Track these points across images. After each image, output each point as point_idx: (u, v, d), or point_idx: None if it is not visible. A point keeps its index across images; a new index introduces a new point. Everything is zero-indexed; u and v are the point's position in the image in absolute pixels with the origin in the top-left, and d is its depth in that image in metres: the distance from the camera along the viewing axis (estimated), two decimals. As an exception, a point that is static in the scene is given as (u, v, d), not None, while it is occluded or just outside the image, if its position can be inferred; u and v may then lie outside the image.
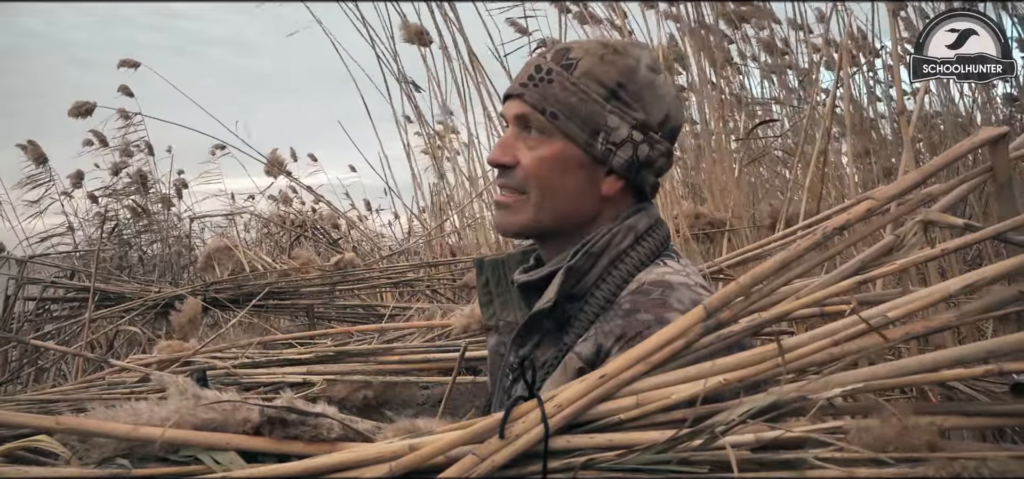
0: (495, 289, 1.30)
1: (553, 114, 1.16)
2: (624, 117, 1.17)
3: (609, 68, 1.17)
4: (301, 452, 0.83)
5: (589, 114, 1.16)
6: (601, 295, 1.15)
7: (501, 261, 1.30)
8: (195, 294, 3.00)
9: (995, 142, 0.97)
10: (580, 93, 1.16)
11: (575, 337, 1.14)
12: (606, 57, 1.18)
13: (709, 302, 0.86)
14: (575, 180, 1.18)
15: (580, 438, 0.80)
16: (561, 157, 1.17)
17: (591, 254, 1.16)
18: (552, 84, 1.17)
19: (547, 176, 1.17)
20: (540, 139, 1.18)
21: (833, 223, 0.90)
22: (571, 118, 1.16)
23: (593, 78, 1.16)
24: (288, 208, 6.30)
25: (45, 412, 1.45)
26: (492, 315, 1.29)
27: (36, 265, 3.79)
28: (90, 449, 0.84)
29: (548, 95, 1.17)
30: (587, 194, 1.19)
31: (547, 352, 1.16)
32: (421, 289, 3.27)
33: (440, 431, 0.84)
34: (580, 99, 1.16)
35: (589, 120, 1.16)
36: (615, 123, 1.16)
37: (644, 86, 1.18)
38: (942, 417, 0.78)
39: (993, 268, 0.80)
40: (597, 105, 1.16)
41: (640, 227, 1.19)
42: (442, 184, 4.05)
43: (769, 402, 0.78)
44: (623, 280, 1.16)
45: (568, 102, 1.16)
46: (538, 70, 1.19)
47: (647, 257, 1.18)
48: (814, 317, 1.23)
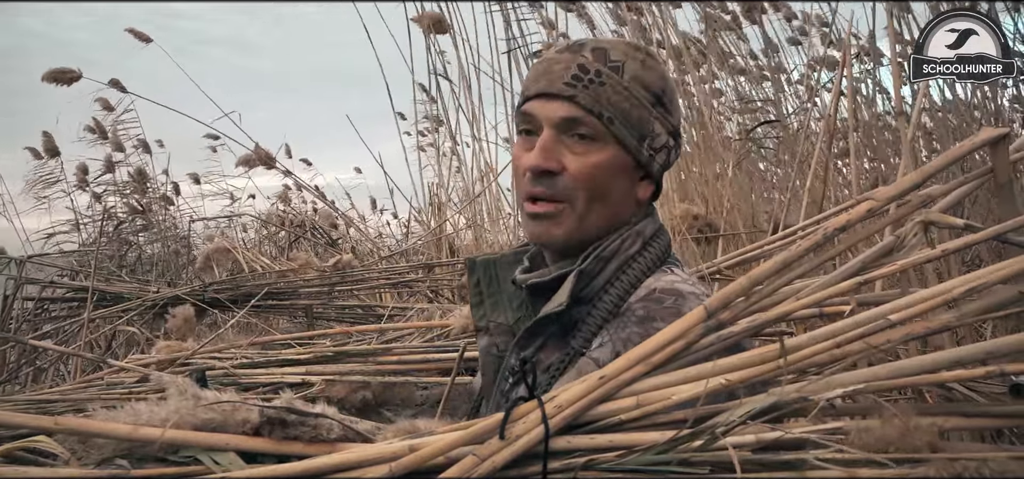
0: (486, 289, 1.28)
1: (610, 118, 1.13)
2: (664, 123, 1.18)
3: (652, 73, 1.17)
4: (301, 453, 0.83)
5: (639, 119, 1.15)
6: (609, 299, 1.14)
7: (493, 261, 1.29)
8: (193, 294, 3.00)
9: (995, 143, 0.97)
10: (632, 98, 1.14)
11: (583, 341, 1.12)
12: (647, 62, 1.17)
13: (709, 302, 0.86)
14: (621, 187, 1.17)
15: (580, 439, 0.80)
16: (613, 164, 1.15)
17: (602, 258, 1.15)
18: (604, 87, 1.13)
19: (599, 183, 1.14)
20: (591, 145, 1.13)
21: (833, 224, 0.90)
22: (625, 123, 1.14)
23: (641, 83, 1.15)
24: (287, 208, 6.29)
25: (44, 412, 1.44)
26: (483, 316, 1.27)
27: (35, 265, 3.78)
28: (89, 450, 0.84)
29: (602, 98, 1.13)
30: (628, 200, 1.18)
31: (552, 355, 1.14)
32: (420, 290, 3.26)
33: (440, 432, 0.84)
34: (632, 104, 1.14)
35: (639, 126, 1.15)
36: (659, 129, 1.17)
37: (673, 92, 1.20)
38: (942, 418, 0.78)
39: (993, 269, 0.80)
40: (646, 110, 1.15)
41: (648, 233, 1.19)
42: (444, 181, 4.05)
43: (770, 403, 0.78)
44: (631, 285, 1.15)
45: (622, 107, 1.14)
46: (585, 71, 1.14)
47: (654, 263, 1.17)
48: (814, 318, 1.23)
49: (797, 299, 0.88)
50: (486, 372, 1.26)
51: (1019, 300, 0.81)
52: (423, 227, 4.53)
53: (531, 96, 1.17)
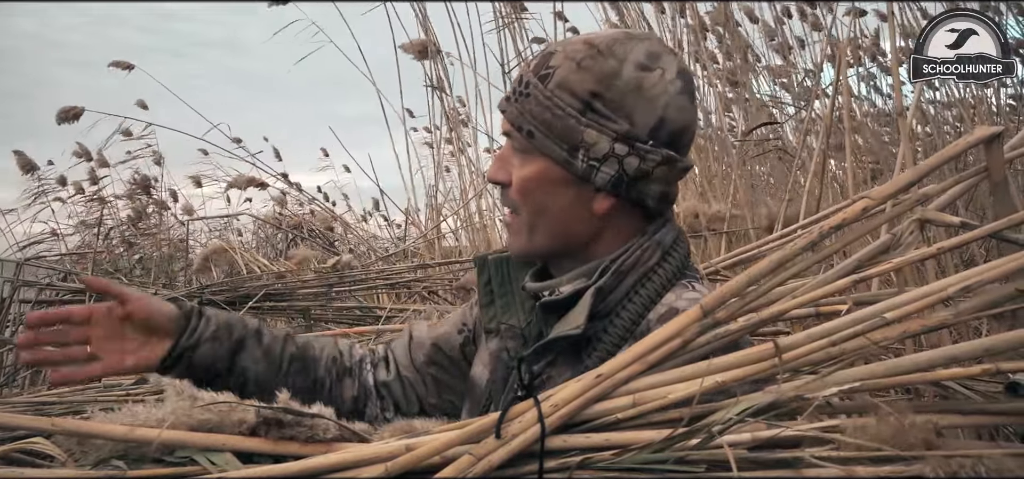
0: (497, 290, 1.23)
1: (529, 132, 1.09)
2: (603, 130, 1.07)
3: (584, 75, 1.07)
4: (297, 453, 0.83)
5: (564, 130, 1.07)
6: (627, 316, 1.08)
7: (505, 260, 1.23)
8: (191, 296, 3.00)
9: (990, 141, 0.97)
10: (554, 108, 1.08)
11: (598, 360, 1.05)
12: (584, 62, 1.08)
13: (705, 301, 0.85)
14: (562, 200, 1.10)
15: (577, 438, 0.80)
16: (543, 177, 1.10)
17: (620, 272, 1.09)
18: (529, 99, 1.09)
19: (533, 196, 1.11)
20: (524, 157, 1.11)
21: (829, 222, 0.90)
22: (548, 135, 1.08)
23: (566, 89, 1.07)
24: (283, 210, 6.29)
25: (41, 414, 1.44)
26: (493, 317, 1.22)
27: (32, 267, 3.78)
28: (86, 451, 0.84)
29: (525, 111, 1.09)
30: (578, 214, 1.11)
31: (564, 373, 1.07)
32: (418, 290, 3.26)
33: (436, 431, 0.84)
34: (554, 114, 1.07)
35: (565, 136, 1.07)
36: (593, 137, 1.07)
37: (627, 91, 1.07)
38: (938, 415, 0.78)
39: (989, 267, 0.80)
40: (571, 119, 1.07)
41: (667, 242, 1.12)
42: (439, 184, 4.05)
43: (766, 401, 0.78)
44: (650, 300, 1.09)
45: (543, 118, 1.08)
46: (520, 83, 1.12)
47: (673, 275, 1.11)
48: (810, 317, 1.23)
49: (793, 298, 0.88)
50: (495, 375, 1.21)
51: (1015, 298, 0.81)
52: (418, 229, 4.53)
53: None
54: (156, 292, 3.24)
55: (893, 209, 0.98)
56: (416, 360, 1.33)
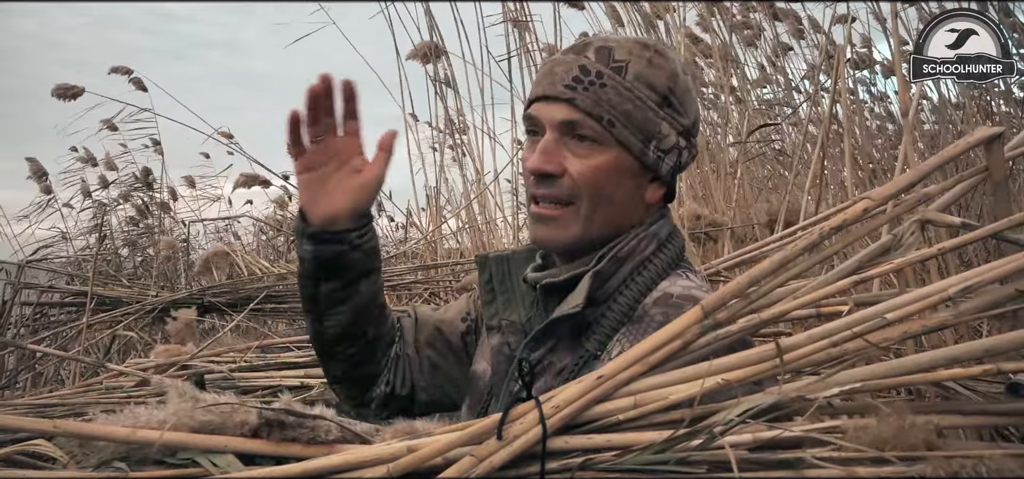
0: (498, 287, 1.26)
1: (610, 121, 1.11)
2: (673, 123, 1.14)
3: (658, 72, 1.13)
4: (299, 454, 0.83)
5: (644, 121, 1.12)
6: (623, 301, 1.12)
7: (505, 258, 1.27)
8: (192, 299, 3.00)
9: (990, 142, 0.97)
10: (635, 99, 1.12)
11: (597, 344, 1.10)
12: (653, 60, 1.14)
13: (706, 302, 0.86)
14: (626, 189, 1.14)
15: (578, 439, 0.80)
16: (615, 166, 1.12)
17: (617, 259, 1.13)
18: (605, 88, 1.11)
19: (601, 186, 1.13)
20: (593, 147, 1.12)
21: (830, 223, 0.90)
22: (627, 125, 1.11)
23: (646, 83, 1.12)
24: (285, 212, 6.30)
25: (43, 416, 1.45)
26: (495, 314, 1.25)
27: (33, 270, 3.79)
28: (88, 453, 0.84)
29: (602, 100, 1.11)
30: (635, 203, 1.16)
31: (565, 358, 1.12)
32: (419, 292, 3.26)
33: (438, 432, 0.84)
34: (635, 105, 1.12)
35: (644, 127, 1.12)
36: (666, 130, 1.14)
37: (685, 90, 1.16)
38: (940, 416, 0.78)
39: (989, 267, 0.80)
40: (651, 111, 1.13)
41: (663, 234, 1.17)
42: (441, 185, 4.05)
43: (767, 402, 0.78)
44: (646, 287, 1.13)
45: (624, 108, 1.11)
46: (586, 72, 1.12)
47: (668, 265, 1.16)
48: (811, 317, 1.23)
49: (794, 299, 0.88)
50: (496, 371, 1.24)
51: (1015, 298, 0.81)
52: (418, 230, 4.53)
53: (534, 99, 1.17)
54: (156, 294, 3.25)
55: (894, 210, 0.98)
56: (418, 339, 1.34)
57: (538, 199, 1.15)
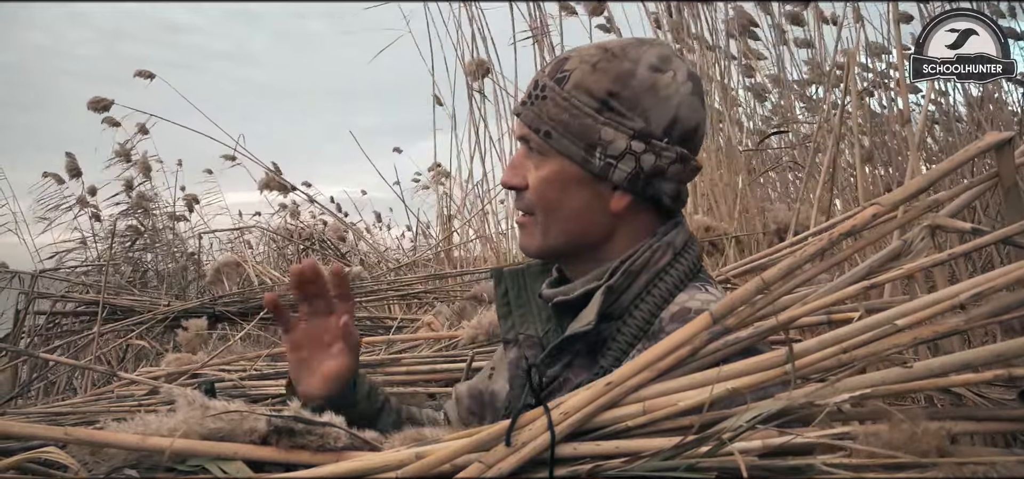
0: (514, 301, 1.25)
1: (547, 133, 1.12)
2: (620, 128, 1.10)
3: (600, 77, 1.11)
4: (308, 461, 0.84)
5: (581, 129, 1.11)
6: (639, 315, 1.10)
7: (521, 272, 1.26)
8: (203, 308, 3.02)
9: (1001, 147, 0.96)
10: (571, 108, 1.11)
11: (613, 360, 1.08)
12: (599, 64, 1.12)
13: (715, 308, 0.85)
14: (578, 199, 1.13)
15: (586, 445, 0.80)
16: (559, 176, 1.13)
17: (630, 272, 1.11)
18: (546, 101, 1.13)
19: (549, 196, 1.14)
20: (541, 159, 1.14)
21: (840, 229, 0.90)
22: (564, 135, 1.11)
23: (583, 90, 1.11)
24: (295, 221, 6.33)
25: (55, 424, 1.45)
26: (511, 327, 1.24)
27: (46, 279, 3.81)
28: (99, 461, 0.85)
29: (542, 113, 1.13)
30: (594, 212, 1.14)
31: (580, 375, 1.10)
32: (429, 301, 3.27)
33: (446, 439, 0.84)
34: (571, 114, 1.11)
35: (582, 135, 1.11)
36: (610, 135, 1.10)
37: (643, 90, 1.11)
38: (951, 422, 0.77)
39: (1000, 273, 0.79)
40: (589, 118, 1.10)
41: (678, 243, 1.15)
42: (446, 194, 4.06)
43: (777, 408, 0.78)
44: (662, 300, 1.11)
45: (560, 119, 1.11)
46: (536, 87, 1.15)
47: (685, 276, 1.13)
48: (822, 323, 1.22)
49: (804, 304, 0.88)
50: (514, 386, 1.23)
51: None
52: (428, 240, 4.54)
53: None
54: (168, 304, 3.26)
55: (904, 215, 0.97)
56: (460, 414, 1.35)
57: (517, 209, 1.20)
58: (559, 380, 1.12)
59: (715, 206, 3.14)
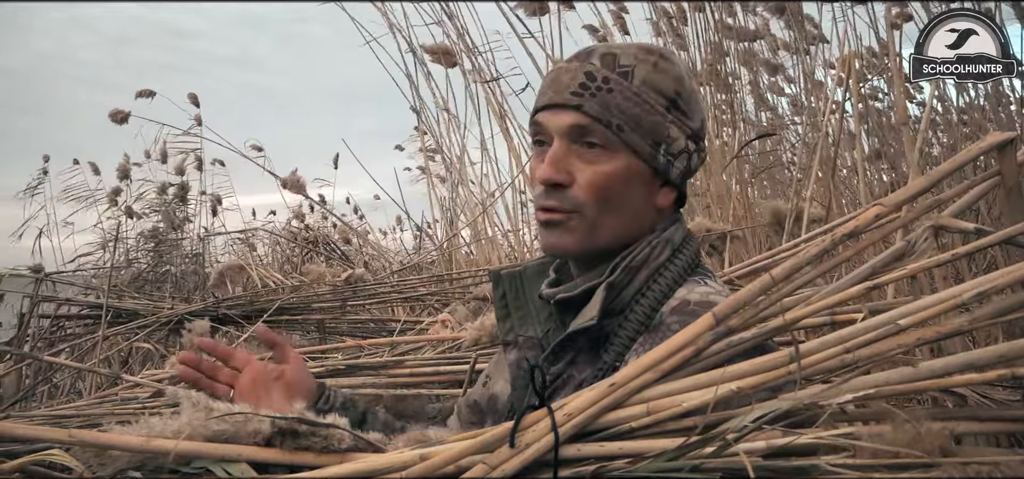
0: (513, 303, 1.25)
1: (619, 126, 1.10)
2: (682, 127, 1.14)
3: (665, 76, 1.13)
4: (312, 463, 0.84)
5: (653, 125, 1.11)
6: (640, 310, 1.10)
7: (518, 274, 1.26)
8: (207, 311, 3.02)
9: (1003, 147, 0.96)
10: (643, 104, 1.11)
11: (615, 355, 1.08)
12: (659, 64, 1.13)
13: (718, 309, 0.85)
14: (637, 195, 1.13)
15: (590, 446, 0.80)
16: (626, 172, 1.11)
17: (631, 268, 1.11)
18: (613, 93, 1.10)
19: (611, 192, 1.11)
20: (601, 153, 1.10)
21: (842, 229, 0.90)
22: (636, 130, 1.10)
23: (653, 87, 1.12)
24: (301, 224, 6.34)
25: (59, 427, 1.45)
26: (510, 329, 1.24)
27: (51, 282, 3.82)
28: (103, 463, 0.85)
29: (610, 105, 1.10)
30: (646, 208, 1.14)
31: (584, 371, 1.10)
32: (432, 303, 3.27)
33: (450, 440, 0.84)
34: (644, 110, 1.11)
35: (652, 131, 1.11)
36: (675, 133, 1.13)
37: (692, 94, 1.16)
38: (955, 422, 0.77)
39: (1003, 273, 0.79)
40: (659, 115, 1.12)
41: (677, 239, 1.15)
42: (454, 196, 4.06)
43: (781, 409, 0.78)
44: (663, 294, 1.11)
45: (632, 113, 1.10)
46: (592, 78, 1.11)
47: (684, 271, 1.13)
48: (825, 324, 1.22)
49: (807, 305, 0.87)
50: (515, 387, 1.23)
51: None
52: (433, 242, 4.54)
53: (540, 107, 1.15)
54: (172, 307, 3.27)
55: (907, 216, 0.97)
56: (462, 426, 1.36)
57: (546, 208, 1.13)
58: (563, 377, 1.12)
59: (713, 206, 3.14)
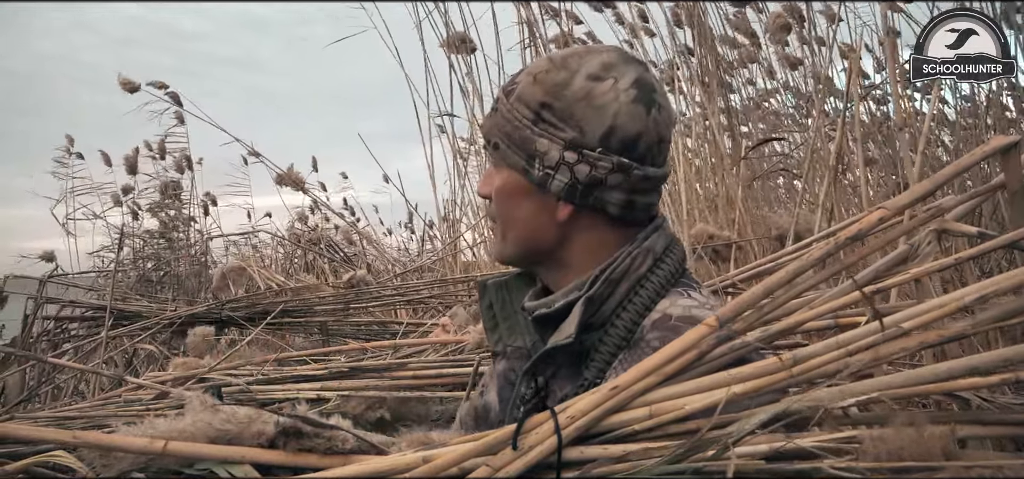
0: (500, 313, 1.25)
1: (495, 144, 1.16)
2: (553, 138, 1.10)
3: (536, 88, 1.12)
4: (315, 465, 0.84)
5: (521, 140, 1.12)
6: (621, 324, 1.08)
7: (505, 283, 1.25)
8: (210, 313, 3.03)
9: (1007, 151, 0.96)
10: (513, 119, 1.13)
11: (596, 371, 1.07)
12: (540, 76, 1.12)
13: (721, 312, 0.85)
14: (525, 208, 1.15)
15: (593, 449, 0.80)
16: (507, 187, 1.16)
17: (611, 281, 1.10)
18: (497, 113, 1.17)
19: (502, 206, 1.17)
20: (496, 170, 1.18)
21: (845, 234, 0.90)
22: (509, 146, 1.14)
23: (521, 101, 1.13)
24: (304, 226, 6.34)
25: (64, 428, 1.46)
26: (498, 340, 1.24)
27: (54, 284, 3.83)
28: (108, 464, 0.85)
29: (494, 125, 1.17)
30: (542, 222, 1.14)
31: (565, 386, 1.08)
32: (435, 306, 3.27)
33: (453, 443, 0.84)
34: (513, 126, 1.13)
35: (522, 146, 1.13)
36: (545, 146, 1.11)
37: (576, 101, 1.09)
38: (958, 426, 0.77)
39: (1006, 277, 0.79)
40: (526, 129, 1.12)
41: (658, 248, 1.13)
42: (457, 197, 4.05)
43: (784, 412, 0.78)
44: (644, 308, 1.09)
45: (506, 130, 1.14)
46: (497, 98, 1.19)
47: (666, 281, 1.11)
48: (828, 328, 1.22)
49: (810, 309, 0.88)
50: (502, 398, 1.23)
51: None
52: (435, 244, 4.54)
53: None
54: (176, 308, 3.28)
55: (910, 220, 0.97)
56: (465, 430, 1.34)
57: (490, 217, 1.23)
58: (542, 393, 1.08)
59: (714, 212, 3.13)
